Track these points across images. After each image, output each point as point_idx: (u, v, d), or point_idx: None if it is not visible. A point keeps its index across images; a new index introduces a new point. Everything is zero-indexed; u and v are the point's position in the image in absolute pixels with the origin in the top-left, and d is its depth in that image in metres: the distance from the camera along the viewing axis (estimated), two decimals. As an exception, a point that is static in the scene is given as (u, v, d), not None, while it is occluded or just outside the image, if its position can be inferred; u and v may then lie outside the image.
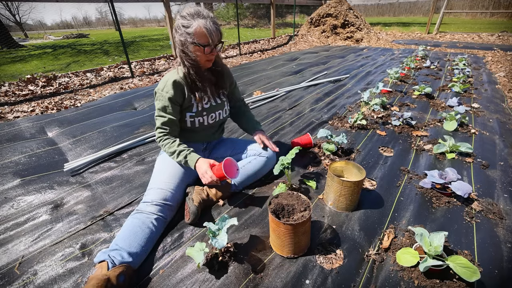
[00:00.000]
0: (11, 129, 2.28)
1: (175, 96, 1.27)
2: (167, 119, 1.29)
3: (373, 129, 2.13)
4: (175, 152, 1.28)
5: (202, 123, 1.38)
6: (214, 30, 1.16)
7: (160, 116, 1.30)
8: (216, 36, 1.18)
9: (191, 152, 1.28)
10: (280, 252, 1.06)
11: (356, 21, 7.98)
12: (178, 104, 1.30)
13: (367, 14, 21.59)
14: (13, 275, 1.02)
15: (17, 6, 22.70)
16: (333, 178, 1.23)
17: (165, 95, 1.26)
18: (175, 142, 1.30)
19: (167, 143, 1.30)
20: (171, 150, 1.29)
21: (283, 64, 4.72)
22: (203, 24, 1.14)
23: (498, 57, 5.00)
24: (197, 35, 1.16)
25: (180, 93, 1.28)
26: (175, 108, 1.29)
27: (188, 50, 1.20)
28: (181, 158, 1.27)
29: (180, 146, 1.29)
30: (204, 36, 1.16)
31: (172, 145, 1.29)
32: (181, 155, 1.27)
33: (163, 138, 1.31)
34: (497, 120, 2.27)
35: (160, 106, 1.29)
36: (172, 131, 1.33)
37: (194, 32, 1.15)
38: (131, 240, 1.03)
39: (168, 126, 1.31)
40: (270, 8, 7.99)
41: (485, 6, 15.36)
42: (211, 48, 1.20)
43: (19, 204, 1.41)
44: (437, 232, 0.98)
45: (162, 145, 1.32)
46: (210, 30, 1.15)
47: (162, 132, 1.32)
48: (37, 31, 30.84)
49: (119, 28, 4.14)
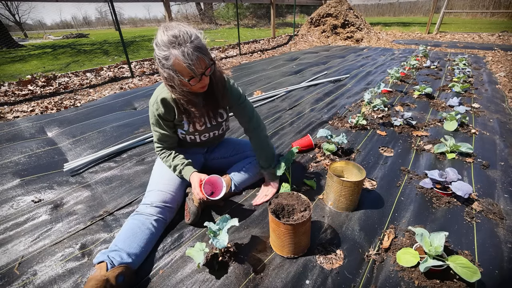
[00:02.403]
0: (11, 129, 2.28)
1: (165, 114, 1.19)
2: (161, 135, 1.27)
3: (373, 129, 2.12)
4: (171, 166, 1.29)
5: (194, 140, 1.34)
6: (195, 59, 0.96)
7: (155, 131, 1.27)
8: (198, 65, 0.98)
9: (185, 167, 1.26)
10: (280, 252, 1.06)
11: (356, 21, 7.97)
12: (170, 120, 1.24)
13: (367, 14, 21.59)
14: (12, 276, 1.02)
15: (17, 6, 22.69)
16: (333, 178, 1.23)
17: (155, 112, 1.19)
18: (170, 155, 1.30)
19: (163, 157, 1.31)
20: (167, 164, 1.30)
21: (283, 64, 4.72)
22: (180, 56, 0.95)
23: (499, 57, 5.00)
24: (177, 69, 0.99)
25: (170, 111, 1.20)
26: (167, 124, 1.24)
27: (175, 84, 1.05)
28: (177, 173, 1.28)
29: (175, 159, 1.28)
30: (184, 70, 0.98)
31: (167, 159, 1.29)
32: (177, 170, 1.27)
33: (160, 152, 1.32)
34: (498, 120, 2.27)
35: (152, 121, 1.25)
36: (168, 144, 1.32)
37: (173, 65, 0.98)
38: (131, 241, 1.03)
39: (163, 141, 1.29)
40: (270, 8, 7.98)
41: (486, 6, 15.34)
42: (198, 79, 1.03)
43: (19, 204, 1.41)
44: (438, 232, 0.98)
45: (161, 158, 1.33)
46: (189, 62, 0.95)
47: (159, 147, 1.32)
48: (37, 31, 30.82)
49: (119, 28, 4.14)
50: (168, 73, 1.01)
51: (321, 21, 8.40)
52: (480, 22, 13.13)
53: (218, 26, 16.43)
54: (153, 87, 3.48)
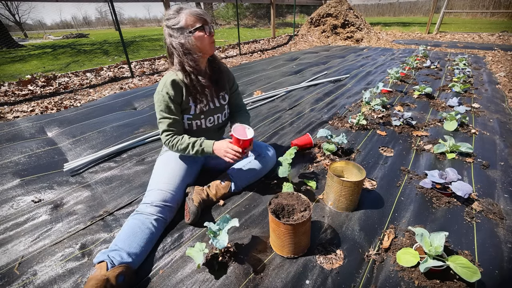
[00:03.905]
0: (11, 129, 2.28)
1: (175, 96, 1.23)
2: (172, 120, 1.25)
3: (373, 129, 2.12)
4: (189, 144, 1.24)
5: (199, 126, 1.36)
6: (202, 11, 1.20)
7: (165, 118, 1.25)
8: (206, 15, 1.20)
9: (204, 140, 1.27)
10: (280, 252, 1.06)
11: (356, 21, 7.97)
12: (178, 103, 1.27)
13: (367, 14, 21.59)
14: (12, 276, 1.02)
15: (17, 6, 22.71)
16: (333, 178, 1.23)
17: (165, 95, 1.22)
18: (184, 137, 1.27)
19: (177, 141, 1.25)
20: (183, 146, 1.25)
21: (283, 64, 4.72)
22: (190, 11, 1.17)
23: (499, 57, 5.00)
24: (190, 24, 1.17)
25: (179, 93, 1.25)
26: (177, 107, 1.26)
27: (191, 45, 1.19)
28: (197, 147, 1.24)
29: (191, 138, 1.26)
30: (197, 19, 1.17)
31: (182, 141, 1.25)
32: (196, 144, 1.24)
33: (171, 139, 1.26)
34: (498, 120, 2.27)
35: (162, 108, 1.23)
36: (178, 131, 1.29)
37: (185, 23, 1.16)
38: (131, 240, 1.03)
39: (174, 127, 1.27)
40: (270, 8, 7.99)
41: (486, 6, 15.35)
42: (208, 29, 1.20)
43: (19, 204, 1.41)
44: (438, 232, 0.98)
45: (172, 145, 1.26)
46: (199, 13, 1.18)
47: (170, 133, 1.26)
48: (37, 31, 30.83)
49: (119, 28, 4.14)
50: (182, 34, 1.17)
51: (321, 21, 8.40)
52: (480, 22, 13.13)
53: (218, 26, 16.44)
54: (153, 87, 3.48)
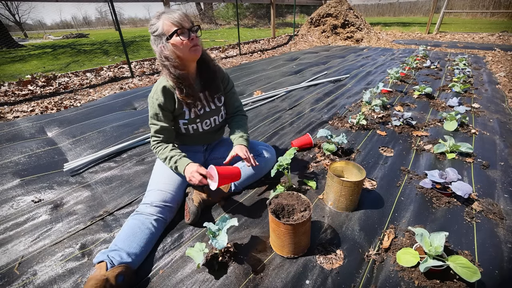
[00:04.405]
0: (11, 129, 2.28)
1: (165, 103, 1.22)
2: (159, 127, 1.26)
3: (373, 129, 2.12)
4: (167, 158, 1.25)
5: (196, 129, 1.36)
6: (179, 15, 1.12)
7: (153, 124, 1.27)
8: (183, 20, 1.12)
9: (182, 157, 1.23)
10: (280, 252, 1.06)
11: (356, 21, 7.97)
12: (169, 111, 1.26)
13: (367, 14, 21.59)
14: (12, 276, 1.02)
15: (17, 6, 22.69)
16: (333, 178, 1.23)
17: (155, 102, 1.22)
18: (167, 147, 1.27)
19: (160, 149, 1.27)
20: (163, 156, 1.26)
21: (283, 64, 4.72)
22: (167, 18, 1.11)
23: (499, 57, 5.00)
24: (166, 30, 1.12)
25: (170, 99, 1.24)
26: (166, 115, 1.25)
27: (169, 51, 1.14)
28: (172, 164, 1.23)
29: (172, 151, 1.25)
30: (172, 24, 1.11)
31: (164, 151, 1.26)
32: (172, 161, 1.23)
33: (155, 146, 1.29)
34: (498, 120, 2.27)
35: (152, 114, 1.25)
36: (166, 138, 1.29)
37: (163, 30, 1.12)
38: (131, 240, 1.03)
39: (160, 134, 1.28)
40: (270, 8, 7.99)
41: (486, 6, 15.34)
42: (186, 33, 1.13)
43: (19, 204, 1.41)
44: (438, 232, 0.98)
45: (156, 152, 1.29)
46: (175, 18, 1.11)
47: (156, 140, 1.29)
48: (37, 31, 30.82)
49: (118, 28, 4.14)
50: (161, 41, 1.14)
51: (321, 21, 8.40)
52: (480, 22, 13.13)
53: (218, 26, 16.43)
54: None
